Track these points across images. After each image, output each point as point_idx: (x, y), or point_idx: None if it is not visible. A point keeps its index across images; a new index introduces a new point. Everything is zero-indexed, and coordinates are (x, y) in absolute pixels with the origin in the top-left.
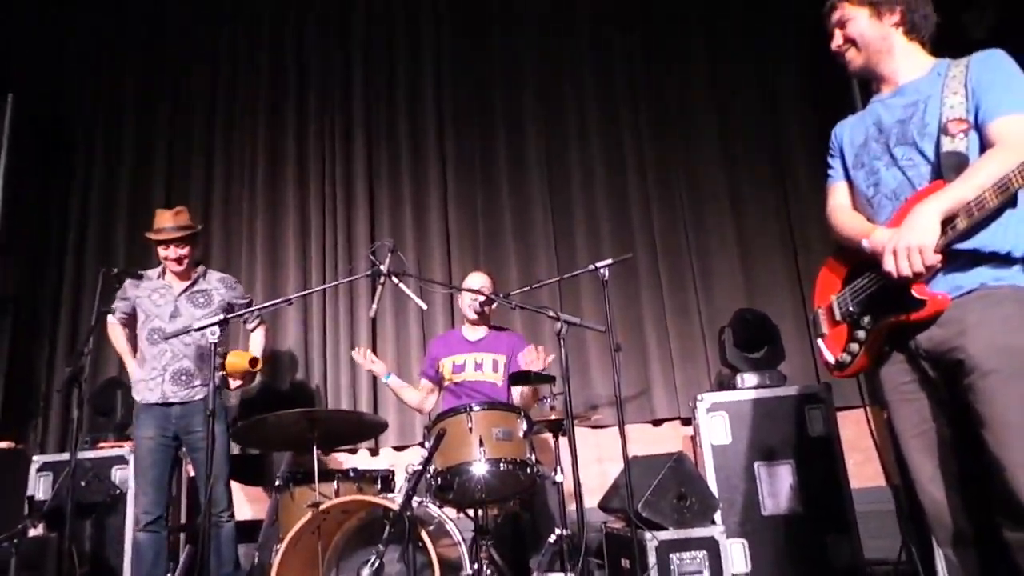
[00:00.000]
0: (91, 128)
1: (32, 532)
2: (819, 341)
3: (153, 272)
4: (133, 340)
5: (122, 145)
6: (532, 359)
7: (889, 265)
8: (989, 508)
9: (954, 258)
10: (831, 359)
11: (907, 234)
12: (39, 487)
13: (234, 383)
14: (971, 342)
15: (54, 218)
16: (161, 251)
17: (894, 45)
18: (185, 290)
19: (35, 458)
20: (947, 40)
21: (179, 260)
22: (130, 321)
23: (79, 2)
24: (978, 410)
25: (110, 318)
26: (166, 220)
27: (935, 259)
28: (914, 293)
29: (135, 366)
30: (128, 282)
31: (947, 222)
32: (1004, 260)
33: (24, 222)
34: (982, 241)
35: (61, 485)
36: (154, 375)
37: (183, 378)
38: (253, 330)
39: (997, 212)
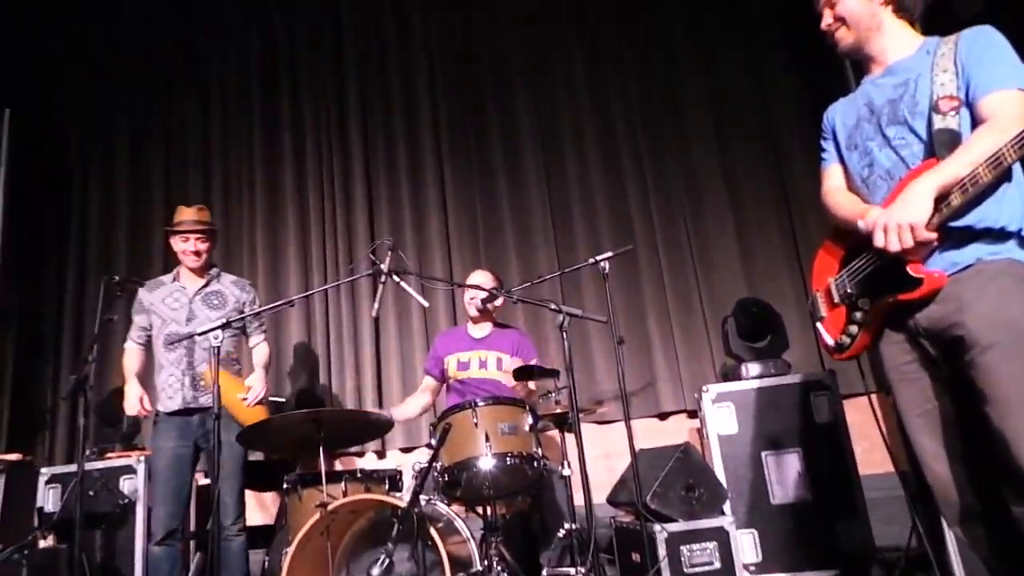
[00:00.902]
0: (87, 140)
1: (42, 543)
2: (818, 324)
3: (166, 277)
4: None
5: (118, 156)
6: None
7: (880, 241)
8: (995, 485)
9: (949, 235)
10: (830, 342)
11: (898, 211)
12: (48, 499)
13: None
14: (969, 317)
15: (53, 230)
16: (179, 244)
17: (883, 22)
18: (199, 291)
19: (43, 470)
20: (936, 20)
21: (198, 253)
22: (150, 341)
23: (69, 16)
24: (979, 386)
25: (129, 344)
26: (188, 214)
27: (928, 236)
28: (910, 272)
29: (136, 385)
30: (141, 292)
31: (941, 199)
32: (999, 235)
33: (24, 235)
34: (977, 217)
35: (70, 495)
36: (173, 381)
37: (203, 383)
38: (255, 346)
39: (991, 187)
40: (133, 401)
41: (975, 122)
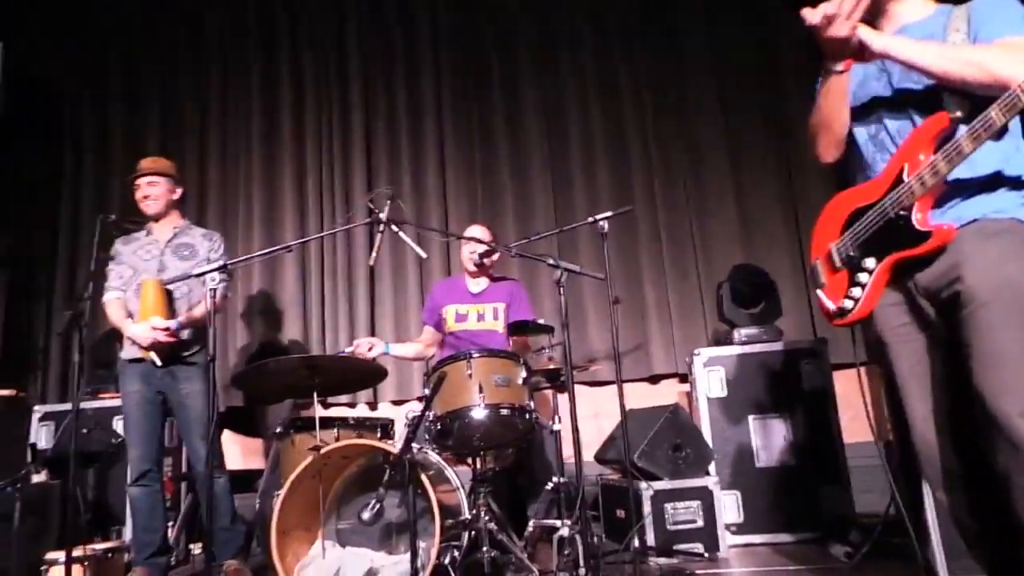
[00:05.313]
0: (82, 86)
1: (35, 478)
2: (818, 291)
3: (140, 233)
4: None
5: (110, 103)
6: None
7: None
8: (978, 448)
9: (955, 188)
10: (832, 307)
11: None
12: (41, 436)
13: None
14: (968, 273)
15: (46, 170)
16: (136, 194)
17: None
18: (169, 242)
19: (36, 408)
20: None
21: (147, 196)
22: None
23: None
24: (969, 341)
25: (111, 295)
26: (141, 164)
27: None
28: (916, 226)
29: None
30: (117, 243)
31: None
32: (1004, 193)
33: (15, 177)
34: (981, 168)
35: (63, 431)
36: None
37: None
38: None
39: (1000, 132)
40: (146, 331)
41: None
